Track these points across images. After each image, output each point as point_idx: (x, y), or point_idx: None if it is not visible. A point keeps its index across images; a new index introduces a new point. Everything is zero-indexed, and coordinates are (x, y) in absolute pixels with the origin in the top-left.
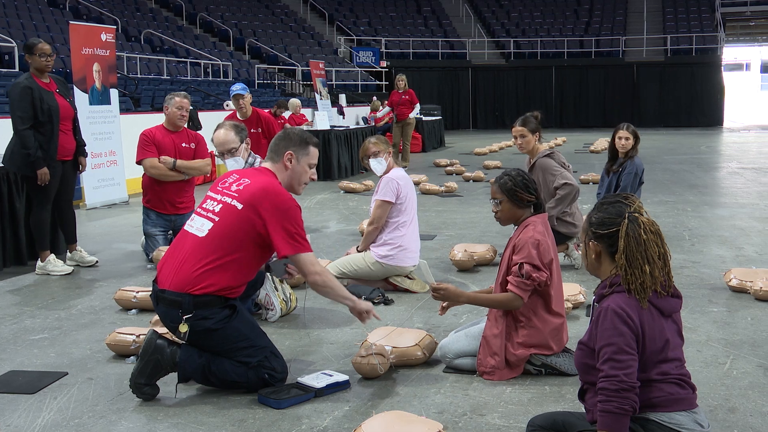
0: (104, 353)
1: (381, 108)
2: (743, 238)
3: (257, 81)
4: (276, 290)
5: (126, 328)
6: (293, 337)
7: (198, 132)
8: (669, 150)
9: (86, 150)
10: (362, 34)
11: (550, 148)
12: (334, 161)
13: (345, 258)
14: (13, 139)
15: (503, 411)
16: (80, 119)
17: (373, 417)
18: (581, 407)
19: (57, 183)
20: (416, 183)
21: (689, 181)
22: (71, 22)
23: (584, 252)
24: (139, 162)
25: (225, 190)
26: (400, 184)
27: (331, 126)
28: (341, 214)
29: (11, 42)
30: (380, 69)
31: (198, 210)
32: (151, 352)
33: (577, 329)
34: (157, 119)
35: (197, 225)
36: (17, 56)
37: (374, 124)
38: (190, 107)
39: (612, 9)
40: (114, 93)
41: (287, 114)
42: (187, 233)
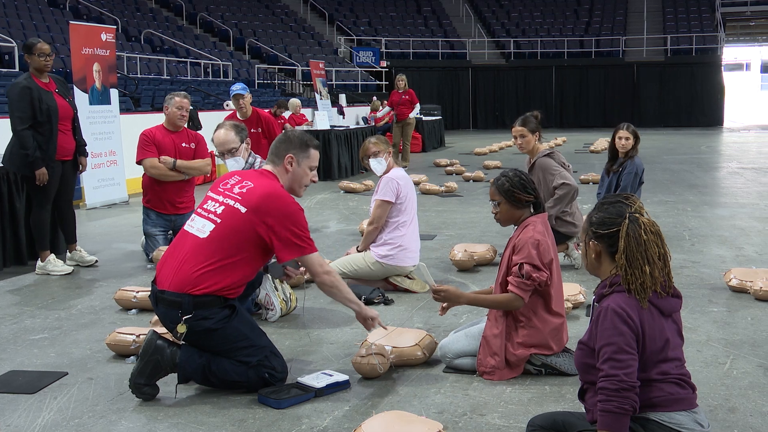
0: (104, 353)
1: (381, 108)
2: (743, 238)
3: (257, 81)
4: (276, 290)
5: (126, 328)
6: (293, 337)
7: (198, 132)
8: (669, 150)
9: (87, 150)
10: (362, 34)
11: (550, 148)
12: (334, 161)
13: (345, 258)
14: (13, 140)
15: (503, 411)
16: (80, 119)
17: (373, 417)
18: (581, 407)
19: (56, 183)
20: (416, 183)
21: (689, 181)
22: (71, 22)
23: (584, 251)
24: (139, 162)
25: (227, 192)
26: (400, 184)
27: (331, 126)
28: (341, 214)
29: (11, 42)
30: (380, 69)
31: (198, 210)
32: (151, 353)
33: (577, 329)
34: (157, 119)
35: (198, 226)
36: (17, 56)
37: (374, 124)
38: (190, 107)
39: (612, 9)
40: (114, 93)
41: (287, 114)
42: (188, 234)
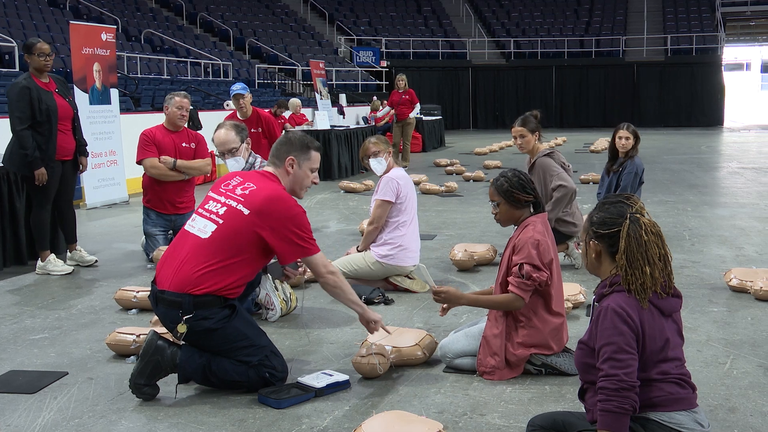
0: (104, 353)
1: (381, 108)
2: (743, 238)
3: (257, 81)
4: (276, 290)
5: (126, 328)
6: (293, 337)
7: (198, 132)
8: (669, 150)
9: (87, 150)
10: (362, 34)
11: (550, 148)
12: (334, 161)
13: (345, 258)
14: (13, 139)
15: (503, 411)
16: (80, 119)
17: (373, 417)
18: (581, 407)
19: (56, 183)
20: (416, 183)
21: (689, 181)
22: (71, 22)
23: (584, 251)
24: (140, 162)
25: (229, 193)
26: (400, 184)
27: (332, 126)
28: (341, 214)
29: (11, 42)
30: (380, 69)
31: (199, 210)
32: (152, 353)
33: (577, 329)
34: (157, 119)
35: (199, 226)
36: (17, 56)
37: (374, 124)
38: (191, 107)
39: (612, 9)
40: (114, 93)
41: (287, 114)
42: (188, 234)
